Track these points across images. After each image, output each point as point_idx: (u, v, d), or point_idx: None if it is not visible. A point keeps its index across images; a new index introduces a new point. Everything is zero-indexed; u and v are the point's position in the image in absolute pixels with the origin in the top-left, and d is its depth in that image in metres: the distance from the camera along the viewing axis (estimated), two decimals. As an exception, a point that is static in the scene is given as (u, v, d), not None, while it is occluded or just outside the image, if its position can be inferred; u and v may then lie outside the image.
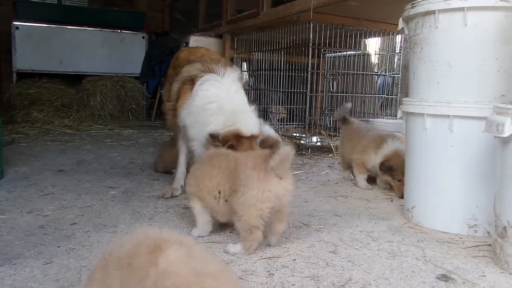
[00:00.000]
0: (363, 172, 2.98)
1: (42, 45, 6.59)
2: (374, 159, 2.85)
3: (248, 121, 2.36)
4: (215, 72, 2.53)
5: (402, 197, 2.66)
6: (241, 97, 2.54)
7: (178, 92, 2.70)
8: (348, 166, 3.20)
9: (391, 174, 2.75)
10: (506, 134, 1.59)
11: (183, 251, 0.88)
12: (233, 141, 2.23)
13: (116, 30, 7.14)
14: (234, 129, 2.27)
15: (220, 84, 2.47)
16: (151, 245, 0.89)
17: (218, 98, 2.40)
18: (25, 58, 6.48)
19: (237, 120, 2.31)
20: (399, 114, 2.40)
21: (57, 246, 1.78)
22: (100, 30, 7.03)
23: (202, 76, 2.52)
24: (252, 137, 2.31)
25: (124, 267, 0.90)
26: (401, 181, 2.68)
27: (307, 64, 4.22)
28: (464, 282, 1.56)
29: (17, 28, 6.42)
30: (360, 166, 2.98)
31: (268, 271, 1.60)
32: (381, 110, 4.96)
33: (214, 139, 2.24)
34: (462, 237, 2.04)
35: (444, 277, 1.60)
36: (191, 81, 2.59)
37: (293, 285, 1.49)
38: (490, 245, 1.87)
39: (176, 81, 2.78)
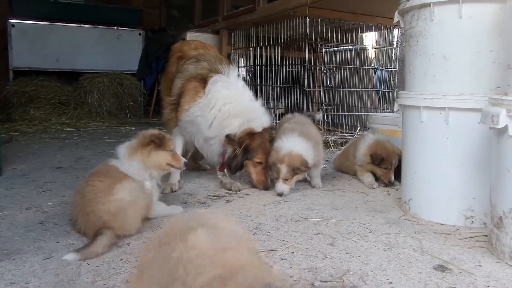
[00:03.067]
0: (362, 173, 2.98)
1: (38, 42, 6.57)
2: (360, 156, 2.94)
3: (259, 117, 2.68)
4: (221, 72, 2.74)
5: (388, 184, 2.81)
6: (248, 93, 2.80)
7: (183, 88, 2.77)
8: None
9: (380, 164, 2.81)
10: (501, 125, 1.60)
11: (210, 231, 0.98)
12: (247, 139, 2.59)
13: (112, 27, 7.12)
14: (247, 128, 2.60)
15: (229, 85, 2.70)
16: (184, 227, 1.02)
17: (231, 99, 2.66)
18: (21, 56, 6.46)
19: (249, 118, 2.63)
20: (395, 107, 2.42)
21: (57, 242, 1.78)
22: (96, 27, 7.01)
23: (212, 76, 2.70)
24: (264, 130, 2.67)
25: (158, 246, 1.06)
26: (387, 168, 2.79)
27: (304, 59, 4.23)
28: (460, 272, 1.58)
29: (13, 25, 6.39)
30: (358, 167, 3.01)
31: (266, 264, 1.61)
32: (378, 104, 4.97)
33: (230, 140, 2.59)
34: (459, 228, 2.05)
35: (441, 268, 1.62)
36: (202, 80, 2.71)
37: (291, 277, 1.51)
38: (486, 235, 1.89)
39: (178, 77, 2.83)
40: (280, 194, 2.57)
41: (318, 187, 2.80)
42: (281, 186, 2.57)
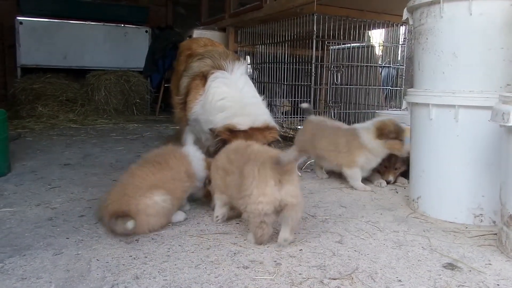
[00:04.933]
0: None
1: (46, 40, 6.60)
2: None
3: (251, 114, 2.48)
4: (224, 69, 2.69)
5: (387, 183, 2.80)
6: (249, 90, 2.69)
7: (188, 86, 2.77)
8: None
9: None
10: (511, 122, 1.59)
11: (261, 145, 1.99)
12: (226, 135, 2.38)
13: (119, 25, 7.15)
14: (228, 123, 2.42)
15: (229, 81, 2.64)
16: (246, 144, 1.95)
17: (228, 95, 2.57)
18: (29, 53, 6.50)
19: (236, 114, 2.47)
20: (404, 105, 2.40)
21: (66, 238, 1.80)
22: (104, 25, 7.04)
23: (214, 73, 2.62)
24: (253, 129, 2.44)
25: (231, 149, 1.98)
26: (386, 167, 2.82)
27: (311, 56, 4.21)
28: (470, 271, 1.57)
29: (21, 23, 6.43)
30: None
31: (275, 261, 1.61)
32: (385, 102, 4.95)
33: (212, 133, 2.45)
34: (468, 226, 2.04)
35: (450, 266, 1.61)
36: (203, 77, 2.69)
37: (300, 274, 1.51)
38: (495, 234, 1.88)
39: (185, 76, 2.84)
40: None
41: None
42: None
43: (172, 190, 1.92)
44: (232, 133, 2.41)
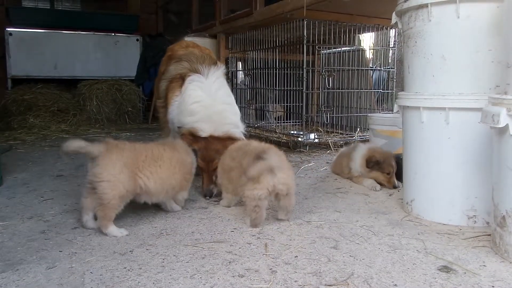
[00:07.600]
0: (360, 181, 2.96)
1: (36, 50, 6.59)
2: (357, 167, 2.94)
3: (216, 122, 2.54)
4: (200, 72, 2.72)
5: (394, 187, 2.79)
6: (222, 96, 2.70)
7: (167, 89, 2.80)
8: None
9: (380, 169, 2.81)
10: (501, 124, 1.60)
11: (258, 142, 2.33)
12: (188, 139, 2.46)
13: (110, 34, 7.14)
14: (191, 127, 2.52)
15: (203, 85, 2.67)
16: (244, 143, 2.36)
17: (201, 99, 2.61)
18: (19, 64, 6.48)
19: (201, 119, 2.53)
20: (395, 108, 2.41)
21: (59, 251, 1.78)
22: (94, 34, 7.03)
23: (190, 75, 2.67)
24: (212, 138, 2.51)
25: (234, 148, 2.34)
26: (389, 173, 2.80)
27: (302, 61, 4.23)
28: (465, 273, 1.58)
29: (10, 34, 6.41)
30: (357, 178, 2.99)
31: (270, 269, 1.61)
32: (377, 105, 4.97)
33: (179, 133, 2.58)
34: (462, 228, 2.05)
35: (445, 268, 1.61)
36: (180, 79, 2.72)
37: (296, 281, 1.50)
38: (489, 235, 1.89)
39: (163, 79, 2.88)
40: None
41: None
42: None
43: None
44: (194, 138, 2.49)
